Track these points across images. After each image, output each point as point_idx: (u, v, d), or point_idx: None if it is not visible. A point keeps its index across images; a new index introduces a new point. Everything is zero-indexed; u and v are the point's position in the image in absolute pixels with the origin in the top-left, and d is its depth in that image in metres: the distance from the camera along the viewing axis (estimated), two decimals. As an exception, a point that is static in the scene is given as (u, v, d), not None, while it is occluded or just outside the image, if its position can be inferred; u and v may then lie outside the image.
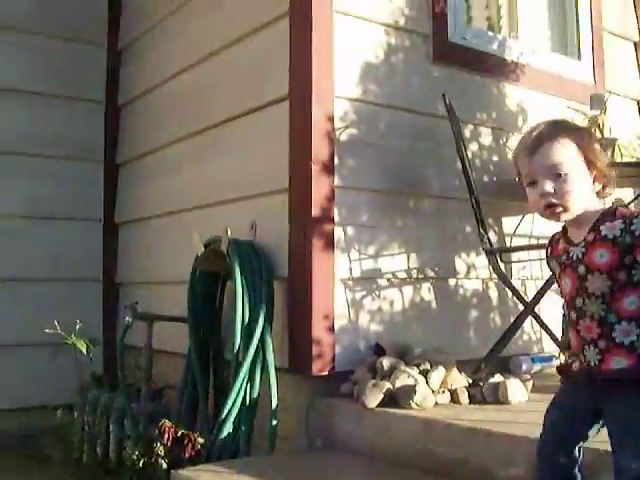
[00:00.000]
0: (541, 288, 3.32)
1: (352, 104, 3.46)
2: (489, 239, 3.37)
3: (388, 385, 3.00)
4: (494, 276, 3.75)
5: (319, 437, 3.21)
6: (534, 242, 3.84)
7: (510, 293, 3.64)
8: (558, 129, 1.94)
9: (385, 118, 3.57)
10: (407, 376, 3.02)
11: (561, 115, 4.11)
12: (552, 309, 3.94)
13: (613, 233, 1.84)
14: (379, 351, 3.31)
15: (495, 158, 4.01)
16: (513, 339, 3.84)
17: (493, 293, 3.90)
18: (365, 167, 3.47)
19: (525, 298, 3.46)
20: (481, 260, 3.71)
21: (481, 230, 3.34)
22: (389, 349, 3.29)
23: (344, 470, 2.92)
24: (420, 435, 2.81)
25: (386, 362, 3.14)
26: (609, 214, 1.89)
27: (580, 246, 1.91)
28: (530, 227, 4.05)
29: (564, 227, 2.01)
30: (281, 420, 3.15)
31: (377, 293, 3.47)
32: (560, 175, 1.88)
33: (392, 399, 2.99)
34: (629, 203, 4.14)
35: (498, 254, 3.45)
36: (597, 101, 3.86)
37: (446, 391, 3.08)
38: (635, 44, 5.02)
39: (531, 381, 3.20)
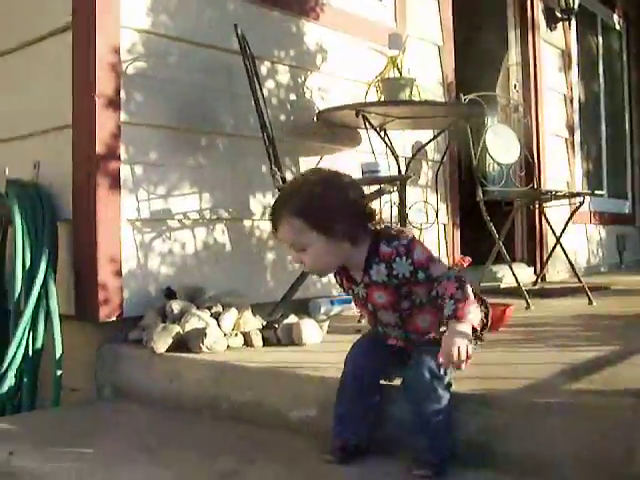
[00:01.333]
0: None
1: (141, 35, 3.25)
2: (283, 177, 3.27)
3: (178, 329, 2.87)
4: (291, 217, 3.69)
5: (108, 386, 3.06)
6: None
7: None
8: (285, 209, 2.00)
9: (176, 52, 3.39)
10: (198, 319, 2.91)
11: (361, 55, 4.09)
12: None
13: (382, 278, 2.00)
14: (170, 295, 3.17)
15: (293, 97, 3.92)
16: (312, 282, 3.83)
17: (290, 235, 3.83)
18: (154, 102, 3.28)
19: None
20: (277, 201, 3.63)
21: (273, 167, 3.24)
22: (180, 293, 3.16)
23: (130, 419, 2.76)
24: (211, 379, 2.71)
25: (176, 306, 3.01)
26: (373, 256, 2.00)
27: (361, 287, 2.06)
28: (330, 166, 3.98)
29: None
30: (69, 370, 2.99)
31: (168, 235, 3.32)
32: (298, 248, 2.00)
33: (183, 343, 2.87)
34: (427, 144, 4.21)
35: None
36: (395, 40, 3.85)
37: (239, 334, 2.99)
38: (437, -8, 5.04)
39: (327, 322, 3.17)
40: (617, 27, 8.24)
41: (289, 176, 3.71)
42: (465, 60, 5.43)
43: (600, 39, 7.92)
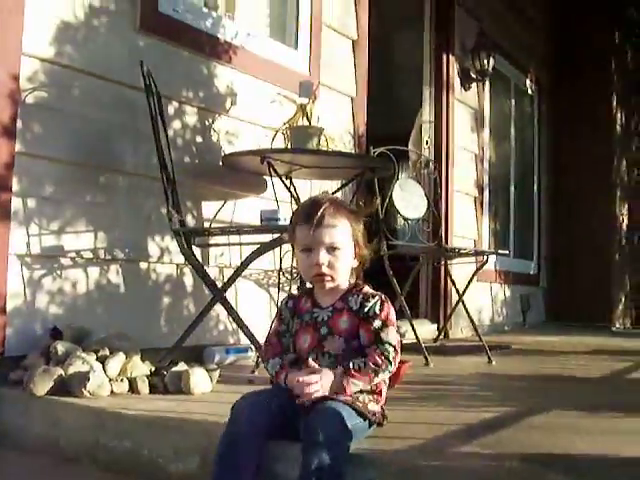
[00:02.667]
0: (231, 276, 3.21)
1: (43, 65, 3.15)
2: (182, 220, 3.19)
3: (60, 371, 2.74)
4: (190, 261, 3.61)
5: (-17, 430, 2.89)
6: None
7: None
8: (340, 210, 2.14)
9: (81, 84, 3.30)
10: (82, 362, 2.78)
11: (271, 101, 4.06)
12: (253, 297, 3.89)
13: (356, 307, 2.15)
14: (56, 335, 3.03)
15: (199, 139, 3.86)
16: (208, 329, 3.75)
17: (188, 280, 3.74)
18: (53, 135, 3.18)
19: (218, 285, 3.33)
20: (176, 245, 3.53)
21: (170, 208, 3.16)
22: (67, 333, 3.03)
23: (1, 470, 2.61)
24: (91, 426, 2.58)
25: (61, 347, 2.88)
26: (356, 289, 2.19)
27: (327, 310, 2.18)
28: (231, 215, 3.95)
29: (310, 289, 2.25)
30: None
31: (59, 273, 3.19)
32: (335, 251, 2.11)
33: (65, 387, 2.73)
34: (334, 193, 4.17)
35: (191, 236, 3.28)
36: (306, 88, 3.81)
37: (125, 380, 2.86)
38: (353, 42, 5.06)
39: (217, 371, 3.06)
40: (529, 92, 8.45)
41: (190, 219, 3.63)
42: (378, 113, 5.45)
43: (513, 102, 8.11)
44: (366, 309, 2.13)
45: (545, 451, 2.07)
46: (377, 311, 2.12)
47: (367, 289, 2.20)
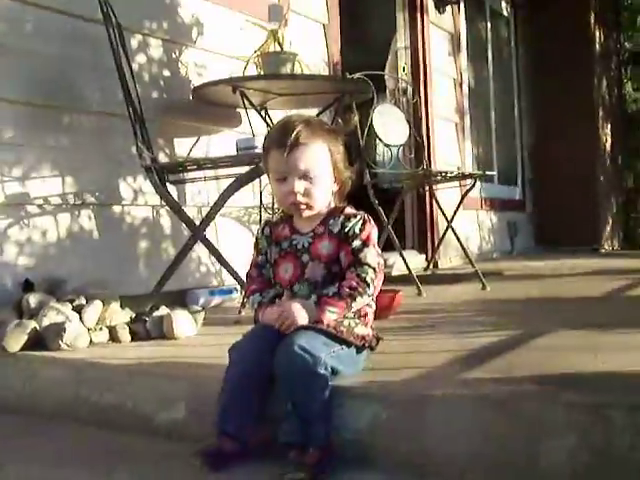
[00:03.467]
0: (209, 212, 3.04)
1: (-9, -1, 2.93)
2: (153, 157, 3.00)
3: (34, 324, 2.57)
4: (166, 202, 3.43)
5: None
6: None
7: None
8: (315, 132, 1.97)
9: (32, 18, 3.08)
10: (56, 313, 2.60)
11: (240, 30, 3.85)
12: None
13: (337, 228, 2.00)
14: (28, 287, 2.86)
15: (166, 73, 3.66)
16: (190, 272, 3.60)
17: (165, 221, 3.58)
18: (7, 75, 2.98)
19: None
20: (150, 186, 3.34)
21: (140, 145, 2.96)
22: (40, 285, 2.86)
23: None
24: (70, 380, 2.41)
25: (33, 299, 2.71)
26: (337, 211, 2.03)
27: (307, 236, 2.03)
28: (205, 151, 3.76)
29: (289, 215, 2.09)
30: None
31: (26, 222, 3.02)
32: (311, 178, 1.96)
33: (40, 341, 2.57)
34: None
35: (164, 173, 3.08)
36: (275, 12, 3.62)
37: (104, 328, 2.70)
38: (323, -33, 4.82)
39: (202, 313, 2.91)
40: (504, 13, 8.22)
41: (162, 157, 3.44)
42: (351, 41, 5.24)
43: (489, 24, 7.87)
44: (347, 229, 1.98)
45: (558, 372, 1.93)
46: (357, 231, 1.98)
47: (349, 210, 2.05)
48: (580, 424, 1.59)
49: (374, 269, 1.95)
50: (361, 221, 2.00)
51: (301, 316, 1.88)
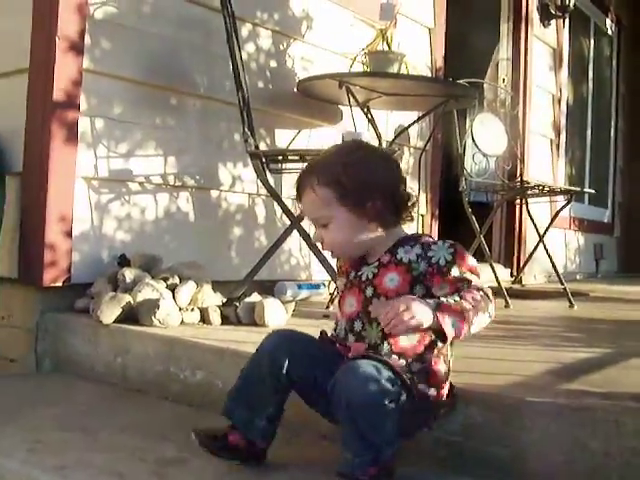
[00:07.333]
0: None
1: (112, -22, 2.98)
2: (256, 144, 3.01)
3: (128, 299, 2.61)
4: (262, 192, 3.45)
5: (49, 358, 2.81)
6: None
7: (279, 210, 3.34)
8: (312, 177, 1.73)
9: (152, 1, 3.12)
10: (152, 290, 2.64)
11: (349, 27, 3.85)
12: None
13: (409, 257, 1.70)
14: (124, 263, 2.90)
15: (273, 64, 3.67)
16: (279, 263, 3.60)
17: (260, 210, 3.59)
18: (123, 52, 3.01)
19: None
20: (248, 173, 3.38)
21: (246, 130, 2.97)
22: (135, 261, 2.90)
23: (69, 396, 2.49)
24: (159, 355, 2.45)
25: (129, 274, 2.75)
26: (410, 239, 1.75)
27: (372, 266, 1.75)
28: (306, 143, 3.76)
29: None
30: (8, 339, 2.77)
31: (127, 198, 3.05)
32: (324, 224, 1.75)
33: (133, 315, 2.62)
34: (412, 124, 3.97)
35: (266, 161, 3.09)
36: (387, 10, 3.60)
37: (196, 309, 2.73)
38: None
39: (293, 304, 2.92)
40: (609, 32, 8.06)
41: (262, 147, 3.46)
42: (454, 48, 5.19)
43: (592, 42, 7.73)
44: (432, 259, 1.66)
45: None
46: (448, 258, 1.66)
47: (426, 238, 1.75)
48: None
49: (488, 295, 1.66)
50: (448, 246, 1.68)
51: (421, 312, 1.55)
